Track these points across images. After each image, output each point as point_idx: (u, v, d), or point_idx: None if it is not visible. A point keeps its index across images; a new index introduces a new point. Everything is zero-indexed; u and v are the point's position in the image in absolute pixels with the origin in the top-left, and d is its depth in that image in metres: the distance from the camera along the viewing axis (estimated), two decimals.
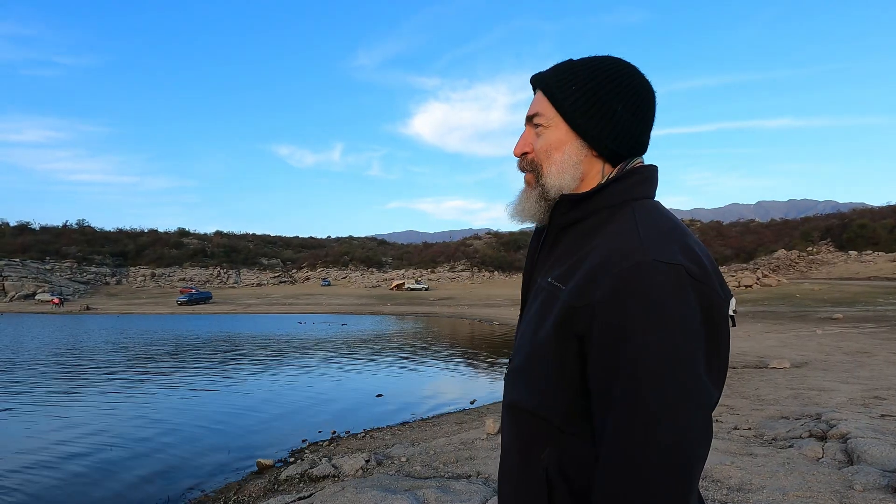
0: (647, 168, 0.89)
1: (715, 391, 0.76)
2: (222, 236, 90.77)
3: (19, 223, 77.07)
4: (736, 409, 6.20)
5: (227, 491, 5.28)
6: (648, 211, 0.83)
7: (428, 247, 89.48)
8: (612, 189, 0.85)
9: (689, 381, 0.72)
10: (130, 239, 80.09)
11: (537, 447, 0.84)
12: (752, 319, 23.14)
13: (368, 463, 5.07)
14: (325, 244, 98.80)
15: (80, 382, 12.03)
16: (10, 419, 8.68)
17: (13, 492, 5.52)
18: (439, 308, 43.66)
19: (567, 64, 0.88)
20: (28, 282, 57.32)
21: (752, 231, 72.58)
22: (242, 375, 12.95)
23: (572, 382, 0.79)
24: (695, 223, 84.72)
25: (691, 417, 0.71)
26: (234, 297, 57.29)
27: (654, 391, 0.70)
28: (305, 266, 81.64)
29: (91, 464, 6.38)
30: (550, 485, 0.82)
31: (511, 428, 0.91)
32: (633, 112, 0.85)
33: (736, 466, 3.87)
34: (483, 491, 3.86)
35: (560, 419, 0.81)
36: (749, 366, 10.41)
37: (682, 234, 0.79)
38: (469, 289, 62.77)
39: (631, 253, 0.75)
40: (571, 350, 0.78)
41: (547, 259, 0.91)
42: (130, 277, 70.21)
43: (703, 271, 0.75)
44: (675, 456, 0.70)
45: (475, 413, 8.53)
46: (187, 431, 7.82)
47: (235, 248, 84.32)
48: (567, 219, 0.86)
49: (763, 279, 43.45)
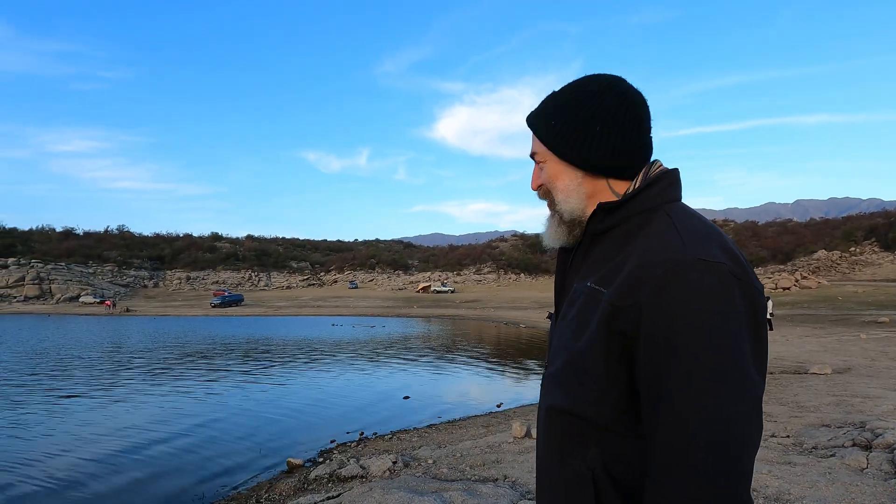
0: (671, 172, 0.92)
1: (762, 381, 0.78)
2: (253, 240, 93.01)
3: (65, 228, 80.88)
4: (774, 416, 5.99)
5: (258, 489, 5.40)
6: (683, 213, 0.86)
7: (453, 249, 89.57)
8: (644, 195, 0.88)
9: (741, 375, 0.73)
10: (167, 243, 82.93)
11: (581, 448, 0.85)
12: (790, 323, 22.27)
13: (395, 464, 5.10)
14: (353, 247, 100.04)
15: (119, 381, 12.52)
16: (54, 417, 9.11)
17: (63, 485, 5.79)
18: (465, 311, 43.64)
19: (549, 98, 0.96)
20: (73, 285, 60.05)
21: (790, 231, 69.82)
22: (273, 376, 13.23)
23: (618, 382, 0.81)
24: (728, 223, 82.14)
25: (745, 411, 0.73)
26: (265, 300, 58.62)
27: (708, 387, 0.72)
28: (333, 269, 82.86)
29: (129, 460, 6.63)
30: (597, 485, 0.83)
31: (551, 430, 0.92)
32: (613, 127, 0.88)
33: (773, 475, 3.74)
34: (510, 495, 3.83)
35: (605, 419, 0.83)
36: (787, 371, 10.03)
37: (719, 235, 0.82)
38: (495, 291, 62.50)
39: (674, 252, 0.77)
40: (617, 350, 0.80)
41: (581, 265, 0.94)
42: (167, 280, 72.69)
43: (743, 270, 0.78)
44: (730, 449, 0.71)
45: (502, 416, 8.49)
46: (221, 430, 8.03)
47: (266, 251, 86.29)
48: (603, 226, 0.90)
49: (802, 281, 41.85)
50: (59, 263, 64.63)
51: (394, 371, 13.97)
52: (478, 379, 13.08)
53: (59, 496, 5.50)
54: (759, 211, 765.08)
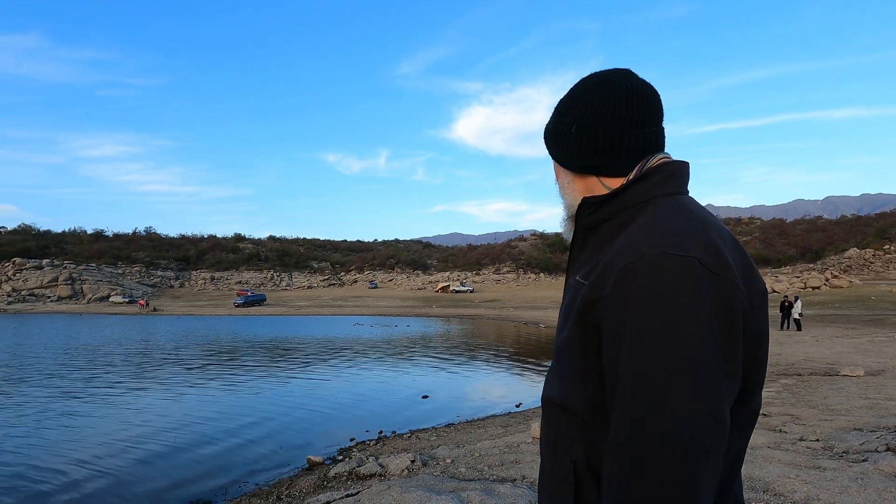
0: (670, 165, 0.89)
1: (728, 381, 0.74)
2: (275, 241, 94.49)
3: (95, 231, 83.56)
4: (802, 419, 5.81)
5: (279, 485, 5.49)
6: (669, 206, 0.84)
7: (472, 249, 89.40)
8: (634, 189, 0.88)
9: (696, 373, 0.70)
10: (192, 244, 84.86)
11: (569, 441, 0.87)
12: (819, 323, 21.59)
13: (414, 463, 5.12)
14: (372, 247, 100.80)
15: (146, 378, 12.87)
16: (69, 413, 9.41)
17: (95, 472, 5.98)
18: (484, 310, 43.53)
19: (556, 106, 1.00)
20: (103, 285, 61.96)
21: (820, 228, 67.69)
22: (295, 375, 13.42)
23: (595, 375, 0.82)
24: (754, 221, 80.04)
25: (697, 412, 0.70)
26: (287, 300, 59.51)
27: (655, 383, 0.70)
28: (353, 269, 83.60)
29: (153, 454, 6.81)
30: (578, 479, 0.84)
31: (545, 422, 0.95)
32: (592, 126, 0.89)
33: (801, 480, 3.62)
34: (528, 495, 3.81)
35: (586, 413, 0.84)
36: (817, 373, 9.73)
37: (704, 228, 0.79)
38: (514, 291, 62.19)
39: (639, 246, 0.77)
40: (592, 343, 0.82)
41: (577, 259, 0.96)
42: (192, 280, 74.39)
43: (721, 263, 0.75)
44: (675, 450, 0.69)
45: (521, 416, 8.44)
46: (244, 428, 8.18)
47: (287, 251, 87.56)
48: (591, 220, 0.92)
49: (832, 280, 40.60)
50: (90, 264, 66.83)
51: (413, 370, 14.02)
52: (497, 379, 13.04)
53: (84, 487, 5.67)
54: (787, 208, 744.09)
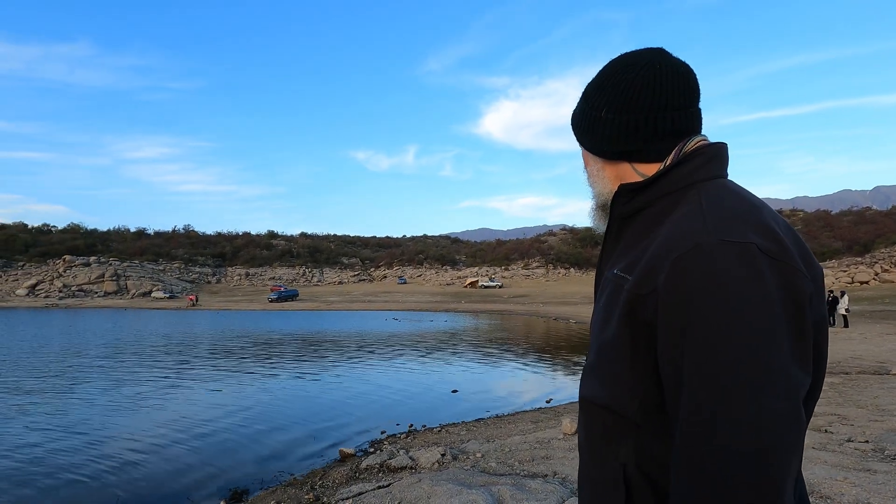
0: (710, 147, 0.83)
1: (802, 374, 0.68)
2: (307, 237, 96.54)
3: (138, 229, 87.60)
4: (850, 420, 5.55)
5: (313, 476, 5.61)
6: (716, 191, 0.78)
7: (501, 244, 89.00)
8: (673, 174, 0.82)
9: (771, 368, 0.64)
10: (227, 241, 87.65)
11: (614, 444, 0.80)
12: (868, 320, 20.55)
13: (444, 457, 5.14)
14: (401, 243, 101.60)
15: (183, 372, 13.37)
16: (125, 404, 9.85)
17: (116, 466, 6.26)
18: (513, 306, 43.29)
19: (584, 90, 0.95)
20: (145, 281, 64.68)
21: (868, 220, 64.17)
22: (328, 368, 13.68)
23: (647, 374, 0.76)
24: (797, 213, 76.66)
25: (777, 410, 0.64)
26: (319, 295, 60.71)
27: (730, 382, 0.64)
28: (383, 265, 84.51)
29: (193, 447, 7.07)
30: (629, 484, 0.78)
31: (584, 423, 0.88)
32: (622, 110, 0.83)
33: (850, 482, 3.46)
34: (559, 491, 3.77)
35: (637, 415, 0.77)
36: (866, 371, 9.27)
37: (757, 212, 0.74)
38: (544, 286, 61.58)
39: (693, 234, 0.71)
40: (642, 342, 0.75)
41: (612, 251, 0.90)
42: (228, 276, 76.80)
43: (780, 248, 0.70)
44: (757, 454, 0.62)
45: (551, 412, 8.36)
46: (279, 420, 8.40)
47: (318, 248, 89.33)
48: (629, 208, 0.86)
49: (882, 274, 38.56)
50: (134, 261, 70.02)
51: (442, 365, 14.08)
52: (526, 374, 12.95)
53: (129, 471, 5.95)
54: (832, 199, 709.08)
